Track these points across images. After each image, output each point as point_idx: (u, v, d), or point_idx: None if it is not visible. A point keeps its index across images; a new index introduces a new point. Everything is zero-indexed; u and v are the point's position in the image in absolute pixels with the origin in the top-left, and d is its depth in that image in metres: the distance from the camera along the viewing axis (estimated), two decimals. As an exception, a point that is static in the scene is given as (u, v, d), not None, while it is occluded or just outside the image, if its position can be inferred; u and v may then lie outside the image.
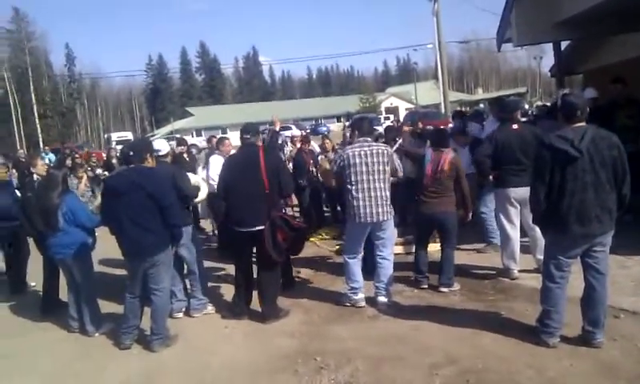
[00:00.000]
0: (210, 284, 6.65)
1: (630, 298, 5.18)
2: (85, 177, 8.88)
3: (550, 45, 11.52)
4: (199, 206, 9.38)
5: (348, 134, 9.93)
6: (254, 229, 5.53)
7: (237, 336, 5.45)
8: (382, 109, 71.46)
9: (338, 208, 9.74)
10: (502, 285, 6.09)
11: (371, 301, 5.79)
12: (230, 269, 7.48)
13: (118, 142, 42.29)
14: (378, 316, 5.55)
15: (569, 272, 4.39)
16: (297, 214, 9.59)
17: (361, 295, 5.84)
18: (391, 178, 5.75)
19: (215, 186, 6.43)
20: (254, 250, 5.83)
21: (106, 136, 64.05)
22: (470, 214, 6.34)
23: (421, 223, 6.28)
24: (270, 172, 5.57)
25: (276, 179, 5.61)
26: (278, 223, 5.56)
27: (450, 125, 9.99)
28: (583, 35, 10.68)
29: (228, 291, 6.67)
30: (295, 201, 10.00)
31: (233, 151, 7.60)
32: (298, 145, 10.60)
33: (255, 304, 5.84)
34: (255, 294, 5.86)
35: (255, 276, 5.87)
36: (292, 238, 5.69)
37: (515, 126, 6.20)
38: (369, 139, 5.78)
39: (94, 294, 5.89)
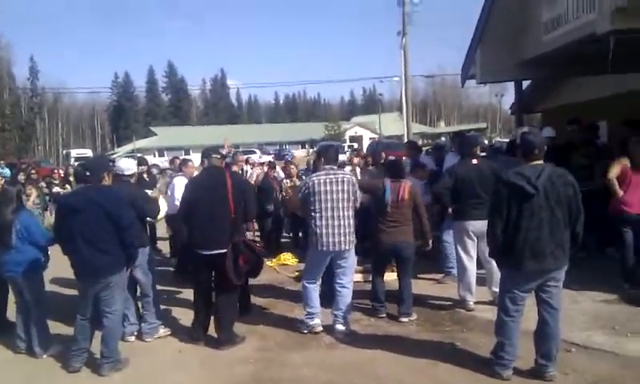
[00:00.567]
0: (164, 307, 6.52)
1: (581, 333, 5.29)
2: (34, 194, 8.59)
3: (512, 83, 11.86)
4: (156, 226, 9.25)
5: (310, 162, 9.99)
6: (215, 252, 5.45)
7: (190, 361, 5.33)
8: (347, 137, 72.08)
9: (300, 234, 9.70)
10: (459, 316, 6.14)
11: (329, 329, 5.75)
12: (186, 292, 7.37)
13: (77, 159, 41.66)
14: (336, 344, 5.52)
15: (523, 306, 4.46)
16: (257, 239, 9.53)
17: (317, 320, 5.81)
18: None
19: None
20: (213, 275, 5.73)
21: (64, 152, 62.71)
22: (430, 242, 6.40)
23: (381, 252, 6.30)
24: (237, 194, 5.53)
25: (242, 202, 5.57)
26: (241, 248, 5.50)
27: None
28: (544, 75, 11.07)
29: (183, 315, 6.55)
30: (256, 226, 9.96)
31: (196, 173, 7.52)
32: (265, 169, 10.62)
33: (212, 329, 5.73)
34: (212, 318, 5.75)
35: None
36: (253, 262, 5.64)
37: (475, 161, 6.33)
38: (334, 167, 5.80)
39: (44, 314, 5.68)
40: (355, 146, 49.48)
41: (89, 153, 55.00)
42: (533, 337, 4.48)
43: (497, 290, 5.28)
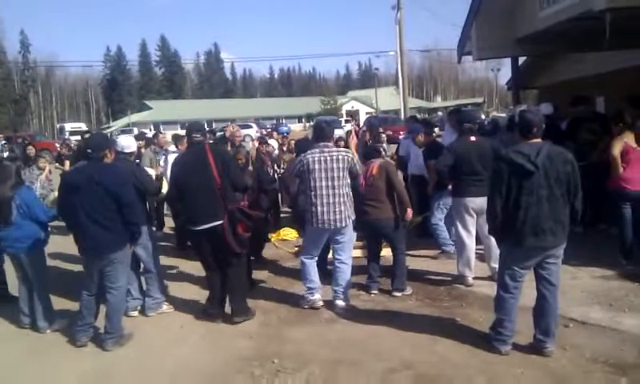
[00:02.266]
0: (166, 282, 6.56)
1: (579, 309, 5.36)
2: (47, 167, 8.51)
3: (508, 58, 11.82)
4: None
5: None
6: (209, 225, 5.45)
7: (193, 336, 5.39)
8: (343, 112, 71.72)
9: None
10: (458, 291, 6.21)
11: (329, 304, 5.82)
12: (185, 267, 7.44)
13: (72, 133, 41.68)
14: (336, 319, 5.59)
15: (522, 282, 4.51)
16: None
17: (317, 295, 5.87)
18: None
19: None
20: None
21: (58, 126, 62.26)
22: (410, 212, 6.36)
23: (365, 231, 6.34)
24: (220, 167, 5.50)
25: (227, 174, 5.53)
26: (237, 215, 5.51)
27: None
28: (540, 52, 11.04)
29: (183, 290, 6.63)
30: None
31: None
32: (256, 144, 10.60)
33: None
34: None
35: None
36: (251, 229, 5.66)
37: (473, 138, 6.35)
38: (329, 144, 5.80)
39: (47, 289, 5.73)
40: (351, 120, 49.12)
41: (83, 126, 54.58)
42: (531, 312, 4.55)
43: (495, 265, 5.36)
